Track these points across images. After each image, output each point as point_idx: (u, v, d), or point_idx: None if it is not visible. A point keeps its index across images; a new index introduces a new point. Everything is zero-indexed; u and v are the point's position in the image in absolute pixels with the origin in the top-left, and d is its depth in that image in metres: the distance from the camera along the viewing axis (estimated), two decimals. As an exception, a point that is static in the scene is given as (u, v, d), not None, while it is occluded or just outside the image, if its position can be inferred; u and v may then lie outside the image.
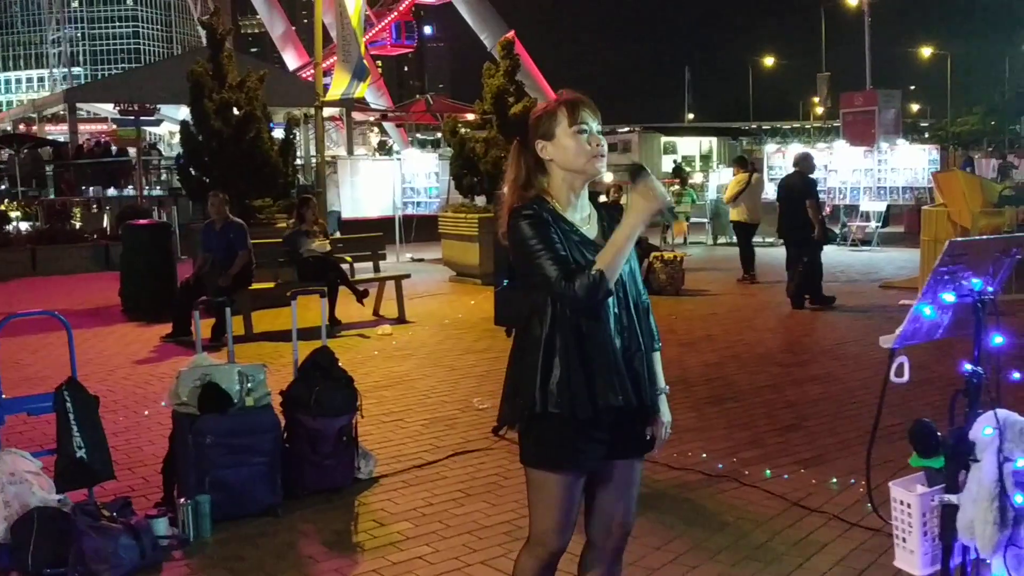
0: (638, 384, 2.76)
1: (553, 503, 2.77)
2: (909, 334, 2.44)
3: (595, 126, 2.76)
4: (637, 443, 2.86)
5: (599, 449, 2.76)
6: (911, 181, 19.48)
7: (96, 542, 4.15)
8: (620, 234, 2.62)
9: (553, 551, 2.83)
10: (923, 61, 74.35)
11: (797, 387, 7.57)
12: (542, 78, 45.22)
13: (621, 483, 2.88)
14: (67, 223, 19.80)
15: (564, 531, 2.81)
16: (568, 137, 2.74)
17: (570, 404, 2.65)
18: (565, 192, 2.79)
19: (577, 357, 2.67)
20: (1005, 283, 2.50)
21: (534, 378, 2.68)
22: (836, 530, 4.60)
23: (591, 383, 2.67)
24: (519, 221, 2.70)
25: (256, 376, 5.02)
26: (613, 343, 2.72)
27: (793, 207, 11.74)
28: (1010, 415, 2.43)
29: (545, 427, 2.72)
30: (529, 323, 2.76)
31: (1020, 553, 2.39)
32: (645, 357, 2.82)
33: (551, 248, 2.65)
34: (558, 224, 2.71)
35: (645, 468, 5.54)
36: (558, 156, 2.76)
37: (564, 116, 2.75)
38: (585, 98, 2.80)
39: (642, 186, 2.62)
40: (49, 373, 8.01)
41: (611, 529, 2.91)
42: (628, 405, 2.72)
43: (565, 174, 2.78)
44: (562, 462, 2.74)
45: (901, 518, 2.53)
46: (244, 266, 10.20)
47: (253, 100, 13.44)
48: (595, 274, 2.57)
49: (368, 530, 4.76)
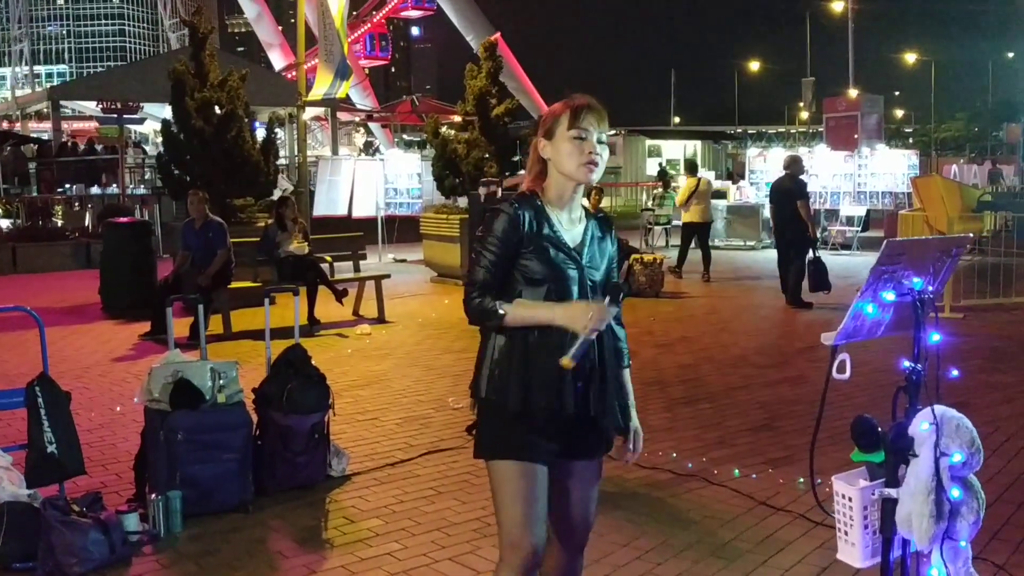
0: (586, 395, 2.74)
1: (514, 494, 2.71)
2: (850, 331, 2.50)
3: (596, 134, 2.77)
4: (596, 444, 2.87)
5: (549, 445, 2.75)
6: (891, 186, 19.62)
7: (65, 536, 4.17)
8: (543, 314, 2.68)
9: (526, 552, 2.70)
10: (908, 67, 74.80)
11: (770, 388, 7.64)
12: (528, 80, 45.35)
13: (581, 482, 2.88)
14: (48, 221, 19.75)
15: (531, 526, 2.70)
16: (565, 140, 2.76)
17: (503, 394, 2.71)
18: (557, 191, 2.82)
19: (520, 353, 2.71)
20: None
21: (482, 366, 2.78)
22: (800, 528, 4.66)
23: (528, 381, 2.69)
24: (500, 212, 2.75)
25: (228, 373, 5.06)
26: (558, 350, 2.66)
27: (785, 208, 12.18)
28: (947, 411, 2.49)
29: (494, 417, 2.77)
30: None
31: (955, 545, 2.45)
32: (603, 372, 2.78)
33: (496, 254, 2.71)
34: (539, 220, 2.75)
35: (614, 467, 5.61)
36: (554, 157, 2.79)
37: (566, 118, 2.77)
38: (594, 103, 2.81)
39: (596, 305, 2.65)
40: (25, 370, 8.00)
41: (572, 526, 2.91)
42: (561, 413, 2.71)
43: (558, 175, 2.81)
44: (511, 450, 2.73)
45: (843, 511, 2.59)
46: (223, 265, 10.21)
47: (235, 99, 13.43)
48: (500, 313, 2.68)
49: (338, 527, 4.80)
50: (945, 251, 2.53)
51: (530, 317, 2.69)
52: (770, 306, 12.36)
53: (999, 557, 4.20)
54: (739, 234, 20.95)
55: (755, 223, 20.73)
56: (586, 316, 2.60)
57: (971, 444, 2.47)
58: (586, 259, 2.80)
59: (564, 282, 2.74)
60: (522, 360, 2.71)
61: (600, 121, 2.78)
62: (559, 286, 2.73)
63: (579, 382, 2.72)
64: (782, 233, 12.40)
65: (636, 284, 13.11)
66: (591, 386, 2.75)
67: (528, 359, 2.70)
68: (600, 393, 2.77)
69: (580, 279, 2.77)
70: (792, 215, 12.05)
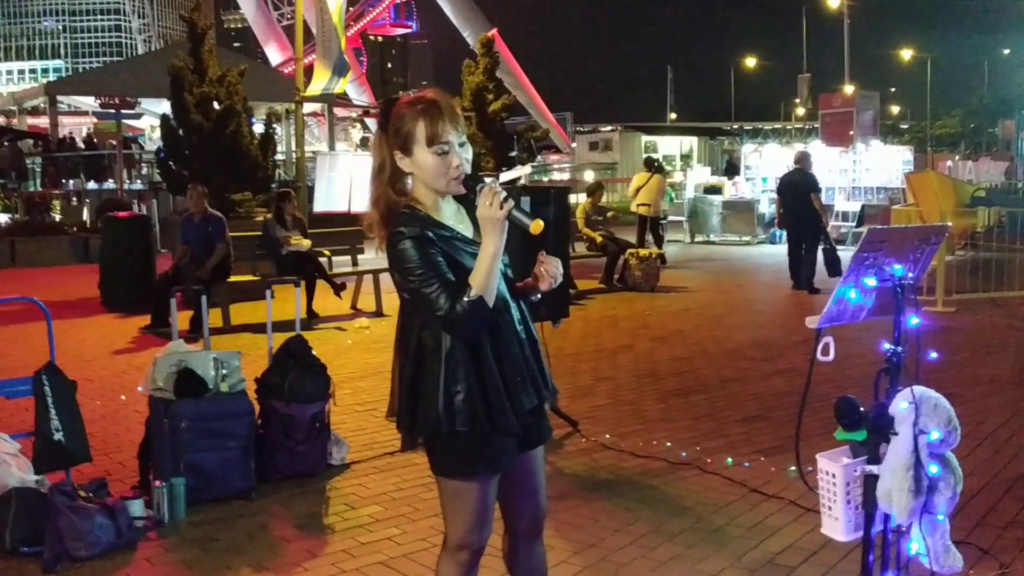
0: (537, 376, 2.73)
1: (471, 507, 2.69)
2: (834, 315, 2.60)
3: (456, 140, 2.57)
4: (543, 431, 2.86)
5: (513, 447, 2.72)
6: (885, 182, 19.76)
7: (72, 521, 4.26)
8: (484, 254, 2.50)
9: (474, 550, 2.76)
10: (903, 64, 74.91)
11: (763, 380, 7.75)
12: (524, 76, 45.39)
13: (529, 473, 2.85)
14: (47, 215, 19.82)
15: (483, 529, 2.74)
16: (426, 156, 2.57)
17: (485, 419, 2.58)
18: (432, 197, 2.66)
19: (485, 368, 2.58)
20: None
21: (436, 399, 2.58)
22: (791, 515, 4.76)
23: (510, 393, 2.61)
24: (403, 242, 2.54)
25: (231, 363, 5.15)
26: (516, 346, 2.66)
27: (798, 201, 12.98)
28: (925, 391, 2.59)
29: (455, 441, 2.62)
30: (420, 338, 2.64)
31: (934, 519, 2.56)
32: (535, 350, 2.77)
33: (439, 275, 2.52)
34: (439, 233, 2.58)
35: (609, 456, 5.75)
36: (418, 172, 2.61)
37: (421, 133, 2.56)
38: (444, 104, 2.59)
39: (482, 198, 2.49)
40: (27, 362, 8.06)
41: (526, 516, 2.90)
42: (540, 402, 2.71)
43: (427, 188, 2.64)
44: (478, 469, 2.65)
45: (827, 488, 2.70)
46: (222, 259, 10.31)
47: (233, 95, 13.53)
48: (475, 300, 2.48)
49: (339, 513, 4.90)
50: (924, 239, 2.63)
51: (488, 272, 2.49)
52: (765, 300, 12.48)
53: (984, 542, 4.31)
54: (734, 229, 21.09)
55: (750, 219, 20.86)
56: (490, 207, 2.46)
57: (948, 422, 2.58)
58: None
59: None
60: (488, 371, 2.59)
61: (455, 123, 2.57)
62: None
63: (527, 368, 2.68)
64: (795, 224, 13.09)
65: (632, 279, 13.23)
66: (540, 365, 2.72)
67: (492, 363, 2.60)
68: (542, 372, 2.75)
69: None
70: (805, 207, 12.78)
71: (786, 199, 13.36)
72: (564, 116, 51.75)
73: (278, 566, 4.23)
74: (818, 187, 13.26)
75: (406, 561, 4.25)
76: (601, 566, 4.18)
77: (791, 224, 13.33)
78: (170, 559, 4.33)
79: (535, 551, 2.97)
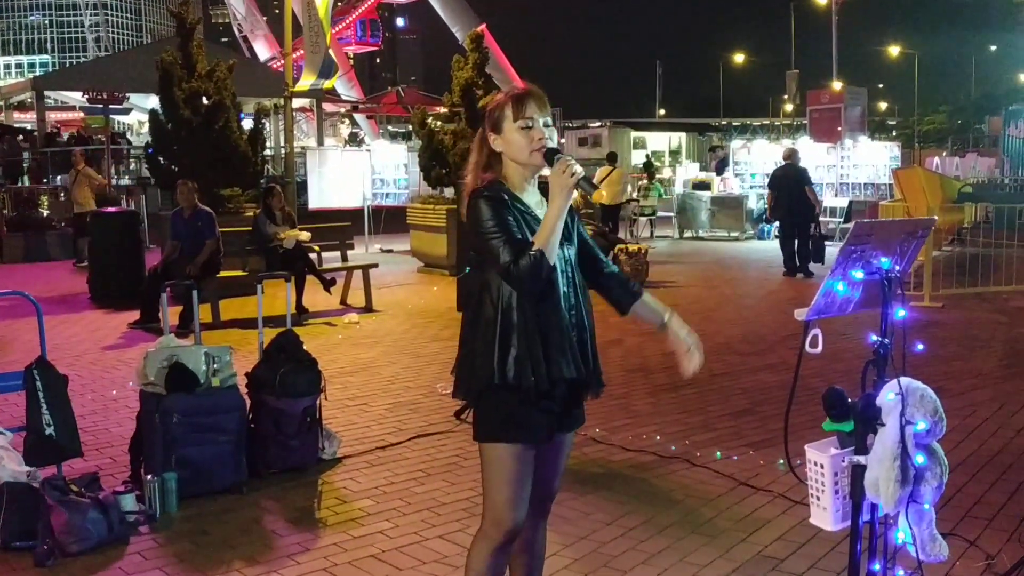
0: (585, 358, 2.90)
1: (508, 476, 2.84)
2: (822, 307, 2.64)
3: (541, 119, 2.88)
4: (575, 418, 3.01)
5: (550, 422, 2.88)
6: (872, 178, 19.83)
7: (64, 516, 4.27)
8: (550, 214, 2.76)
9: (508, 529, 2.88)
10: (891, 60, 75.10)
11: (752, 375, 7.79)
12: (513, 71, 45.35)
13: (558, 455, 3.04)
14: (34, 211, 19.73)
15: (518, 507, 2.87)
16: (514, 132, 2.87)
17: (530, 376, 2.77)
18: (519, 179, 2.93)
19: (535, 332, 2.79)
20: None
21: (492, 353, 2.79)
22: (780, 507, 4.80)
23: (547, 356, 2.79)
24: (479, 200, 2.82)
25: (222, 357, 5.16)
26: (564, 319, 2.85)
27: (792, 194, 14.22)
28: (912, 382, 2.63)
29: (499, 401, 2.82)
30: (480, 301, 2.87)
31: (920, 508, 2.60)
32: (592, 334, 2.97)
33: (507, 229, 2.77)
34: (514, 205, 2.85)
35: (599, 450, 5.78)
36: (507, 149, 2.91)
37: (510, 111, 2.88)
38: (533, 90, 2.92)
39: (556, 167, 2.77)
40: (16, 357, 8.09)
41: (543, 496, 3.06)
42: (580, 377, 2.86)
43: (515, 165, 2.92)
44: (516, 433, 2.83)
45: (815, 478, 2.73)
46: (212, 254, 10.30)
47: (222, 90, 13.49)
48: (535, 253, 2.71)
49: (331, 507, 4.92)
50: (911, 232, 2.66)
51: (551, 231, 2.75)
52: (754, 295, 12.54)
53: (971, 534, 4.36)
54: (723, 225, 21.14)
55: (739, 214, 20.91)
56: (562, 175, 2.75)
57: (934, 413, 2.61)
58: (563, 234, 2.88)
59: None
60: (537, 335, 2.79)
61: (542, 106, 2.89)
62: None
63: (580, 344, 2.88)
64: (787, 216, 14.26)
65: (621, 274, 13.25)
66: (588, 347, 2.92)
67: (539, 329, 2.79)
68: (594, 355, 2.95)
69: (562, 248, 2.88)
70: (797, 199, 14.07)
71: (779, 192, 14.39)
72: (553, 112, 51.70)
73: (270, 560, 4.24)
74: (811, 180, 14.62)
75: (398, 554, 4.27)
76: (592, 558, 4.21)
77: (783, 215, 14.40)
78: (162, 553, 4.34)
79: (538, 532, 3.11)
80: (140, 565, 4.20)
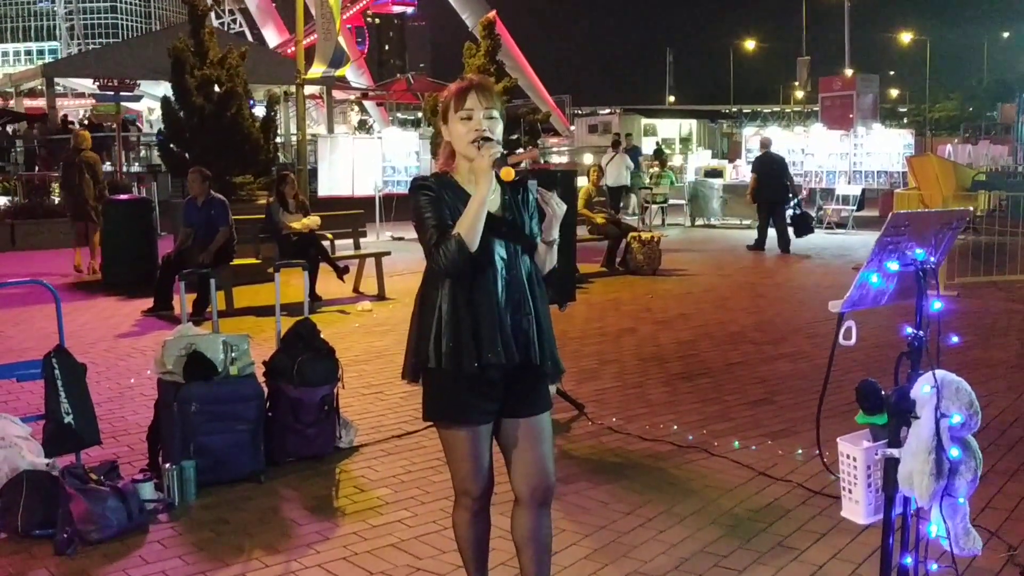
0: (527, 345, 2.96)
1: (461, 453, 3.03)
2: (856, 299, 2.61)
3: (482, 111, 2.93)
4: (537, 400, 3.06)
5: (489, 404, 2.99)
6: (886, 165, 19.73)
7: (84, 504, 4.27)
8: (472, 200, 2.85)
9: (475, 497, 3.08)
10: (903, 47, 74.74)
11: (768, 364, 7.76)
12: (523, 58, 45.26)
13: (529, 438, 3.05)
14: (46, 198, 19.76)
15: (477, 478, 3.06)
16: (456, 123, 2.97)
17: (457, 360, 2.88)
18: (465, 169, 2.99)
19: (466, 318, 2.89)
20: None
21: (428, 337, 2.94)
22: (799, 497, 4.78)
23: (477, 341, 2.89)
24: (412, 191, 2.97)
25: (240, 346, 5.15)
26: (499, 306, 2.92)
27: (774, 179, 15.71)
28: (947, 375, 2.60)
29: (437, 384, 2.99)
30: (426, 287, 3.01)
31: (954, 502, 2.57)
32: (539, 319, 3.00)
33: (436, 216, 2.88)
34: (456, 195, 2.93)
35: (616, 439, 5.76)
36: (451, 139, 3.01)
37: (453, 102, 2.97)
38: (477, 81, 3.00)
39: (478, 153, 2.85)
40: (32, 344, 8.10)
41: (531, 483, 3.06)
42: (510, 363, 2.92)
43: (459, 155, 3.00)
44: (455, 415, 2.99)
45: (847, 471, 2.71)
46: (225, 242, 10.29)
47: (234, 77, 13.48)
48: (455, 237, 2.81)
49: (349, 495, 4.91)
50: (946, 224, 2.64)
51: (473, 217, 2.83)
52: (767, 283, 12.49)
53: (992, 524, 4.33)
54: (736, 212, 21.06)
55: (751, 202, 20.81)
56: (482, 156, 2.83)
57: (970, 406, 2.59)
58: (508, 224, 2.97)
59: (488, 245, 2.90)
60: (468, 320, 2.89)
61: (485, 98, 2.95)
62: (483, 248, 2.88)
63: (521, 331, 2.94)
64: (771, 198, 15.67)
65: (634, 262, 13.23)
66: (531, 333, 2.96)
67: (471, 315, 2.89)
68: (539, 339, 2.99)
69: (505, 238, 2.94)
70: (778, 183, 15.67)
71: (762, 177, 15.80)
72: (563, 99, 51.61)
73: (289, 548, 4.24)
74: (786, 166, 16.63)
75: (417, 543, 4.27)
76: (612, 548, 4.20)
77: (767, 197, 15.76)
78: (182, 541, 4.34)
79: (539, 522, 3.10)
80: (160, 553, 4.20)
